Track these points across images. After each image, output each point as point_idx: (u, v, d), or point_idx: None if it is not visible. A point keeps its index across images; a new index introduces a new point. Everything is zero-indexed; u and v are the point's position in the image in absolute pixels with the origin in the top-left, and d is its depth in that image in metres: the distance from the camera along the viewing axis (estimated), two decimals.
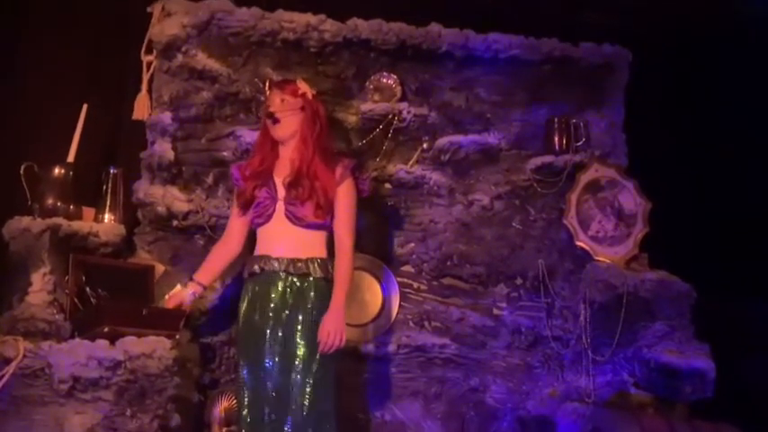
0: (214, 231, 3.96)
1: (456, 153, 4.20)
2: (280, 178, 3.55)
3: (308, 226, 3.50)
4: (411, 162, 4.18)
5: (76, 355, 3.32)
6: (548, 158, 4.18)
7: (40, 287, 3.57)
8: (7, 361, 3.31)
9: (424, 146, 4.20)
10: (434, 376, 4.14)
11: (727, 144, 5.07)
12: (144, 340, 3.43)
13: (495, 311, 4.21)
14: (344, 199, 3.53)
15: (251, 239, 3.66)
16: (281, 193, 3.53)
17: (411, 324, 4.15)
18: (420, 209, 4.21)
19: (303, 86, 3.62)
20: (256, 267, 3.51)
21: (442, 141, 4.19)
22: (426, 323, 4.18)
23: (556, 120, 4.21)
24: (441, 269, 4.21)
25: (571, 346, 4.09)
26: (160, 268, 3.90)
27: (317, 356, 3.39)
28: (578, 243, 4.11)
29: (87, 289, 3.59)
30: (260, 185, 3.55)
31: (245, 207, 3.58)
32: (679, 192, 4.79)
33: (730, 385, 3.97)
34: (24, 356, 3.32)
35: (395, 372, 4.10)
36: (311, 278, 3.48)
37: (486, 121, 4.26)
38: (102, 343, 3.39)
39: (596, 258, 4.06)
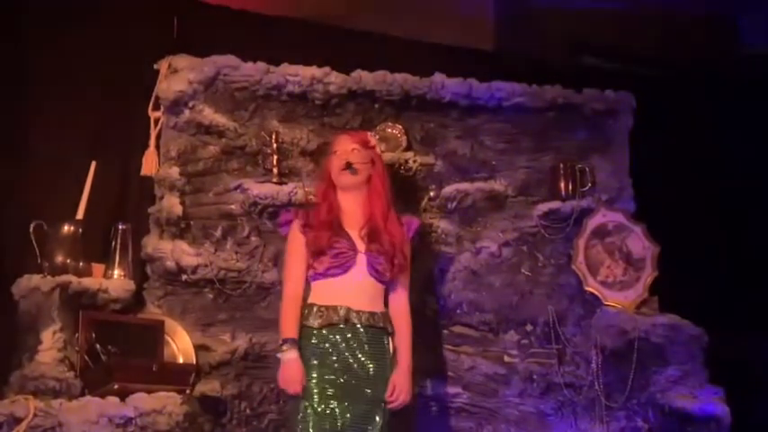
0: (223, 285, 3.97)
1: (463, 201, 4.22)
2: (353, 231, 3.52)
3: (383, 281, 3.50)
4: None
5: (87, 413, 3.32)
6: (554, 204, 4.19)
7: (50, 345, 3.55)
8: (18, 420, 3.29)
9: (431, 194, 4.22)
10: (447, 426, 4.11)
11: (735, 183, 5.08)
12: (154, 396, 3.43)
13: (507, 359, 4.19)
14: (408, 257, 3.57)
15: None
16: (360, 245, 3.50)
17: (422, 373, 4.13)
18: (428, 257, 4.21)
19: (373, 139, 3.63)
20: (336, 319, 3.43)
21: (449, 189, 4.21)
22: (437, 372, 4.15)
23: (561, 165, 4.23)
24: (450, 317, 4.20)
25: (584, 392, 4.06)
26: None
27: (386, 414, 3.40)
28: (588, 288, 4.10)
29: (97, 346, 3.58)
30: (334, 235, 3.48)
31: (318, 255, 3.47)
32: (687, 234, 4.79)
33: (746, 428, 3.94)
34: (35, 415, 3.30)
35: (407, 422, 4.07)
36: (386, 333, 3.49)
37: (491, 168, 4.28)
38: (113, 400, 3.38)
39: (606, 303, 4.05)
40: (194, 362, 3.83)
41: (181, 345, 3.87)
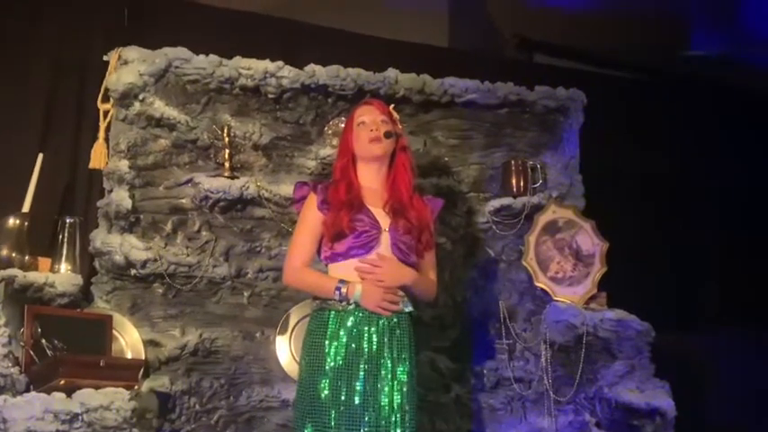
0: (173, 279, 3.93)
1: None
2: (376, 208, 3.35)
3: (408, 261, 3.32)
4: None
5: (32, 409, 3.26)
6: (506, 201, 4.22)
7: None
8: None
9: None
10: None
11: (683, 180, 5.16)
12: (102, 392, 3.38)
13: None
14: (432, 237, 3.46)
15: None
16: (384, 222, 3.33)
17: None
18: None
19: (395, 114, 3.53)
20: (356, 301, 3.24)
21: None
22: None
23: (513, 162, 4.26)
24: None
25: (533, 386, 4.10)
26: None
27: (412, 406, 3.23)
28: (538, 284, 4.13)
29: (43, 341, 3.52)
30: (355, 214, 3.30)
31: (337, 238, 3.28)
32: (636, 230, 4.85)
33: (691, 423, 4.00)
34: None
35: None
36: (408, 315, 3.32)
37: (444, 164, 4.29)
38: (59, 396, 3.33)
39: (556, 299, 4.09)
40: (143, 357, 3.79)
41: (129, 340, 3.84)
